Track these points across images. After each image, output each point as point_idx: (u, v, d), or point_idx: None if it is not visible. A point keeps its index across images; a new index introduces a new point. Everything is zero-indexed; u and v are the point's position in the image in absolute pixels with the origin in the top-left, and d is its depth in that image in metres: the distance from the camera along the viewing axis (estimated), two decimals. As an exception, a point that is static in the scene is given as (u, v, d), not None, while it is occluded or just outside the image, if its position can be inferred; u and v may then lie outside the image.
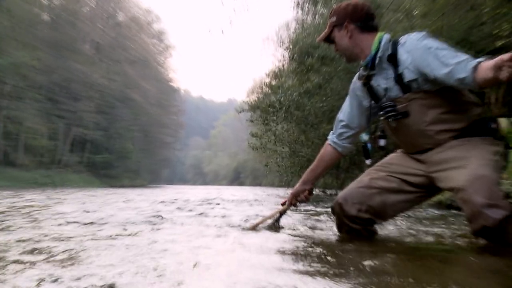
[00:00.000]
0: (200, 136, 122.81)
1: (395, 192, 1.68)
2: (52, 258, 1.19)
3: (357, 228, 1.70)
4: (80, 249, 1.35)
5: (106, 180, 28.06)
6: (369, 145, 1.79)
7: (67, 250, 1.33)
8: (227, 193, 10.32)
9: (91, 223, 2.26)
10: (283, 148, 11.64)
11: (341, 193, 1.77)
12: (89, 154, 29.01)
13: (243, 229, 2.05)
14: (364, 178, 1.76)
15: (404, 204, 1.69)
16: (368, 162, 1.79)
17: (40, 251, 1.32)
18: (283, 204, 2.07)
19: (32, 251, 1.32)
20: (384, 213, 1.69)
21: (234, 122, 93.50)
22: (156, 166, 46.36)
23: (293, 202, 2.01)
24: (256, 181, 58.76)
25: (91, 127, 28.43)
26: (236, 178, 70.73)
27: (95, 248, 1.37)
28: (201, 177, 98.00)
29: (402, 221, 2.58)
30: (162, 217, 2.61)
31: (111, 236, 1.73)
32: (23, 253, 1.29)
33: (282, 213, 2.09)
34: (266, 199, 6.29)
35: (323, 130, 8.79)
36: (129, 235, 1.78)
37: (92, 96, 28.50)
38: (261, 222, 2.07)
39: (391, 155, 1.83)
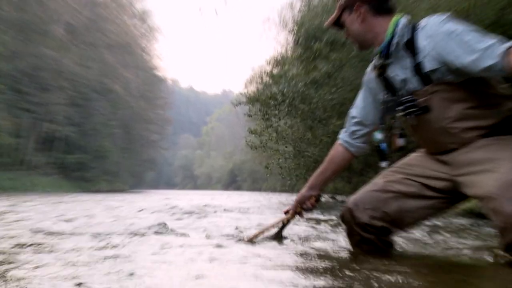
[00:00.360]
0: (190, 133, 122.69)
1: (414, 197, 1.69)
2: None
3: (370, 238, 1.72)
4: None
5: (80, 184, 28.07)
6: (383, 145, 1.79)
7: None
8: (222, 199, 10.35)
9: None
10: (286, 147, 11.62)
11: (352, 198, 1.78)
12: (60, 154, 28.97)
13: (239, 240, 2.06)
14: (378, 181, 1.77)
15: (424, 211, 1.70)
16: (383, 164, 1.79)
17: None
18: (286, 212, 2.08)
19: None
20: (401, 221, 1.70)
21: (229, 117, 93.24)
22: (139, 167, 46.43)
23: (298, 210, 2.02)
24: (255, 186, 58.83)
25: (62, 123, 28.39)
26: (232, 182, 70.81)
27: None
28: (191, 181, 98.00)
29: (421, 231, 2.59)
30: (140, 234, 2.31)
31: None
32: None
33: (285, 222, 2.10)
34: (267, 207, 6.31)
35: (332, 126, 8.81)
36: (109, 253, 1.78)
37: (64, 86, 28.43)
38: (261, 232, 2.09)
39: (411, 156, 1.84)
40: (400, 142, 1.75)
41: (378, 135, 1.80)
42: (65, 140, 29.31)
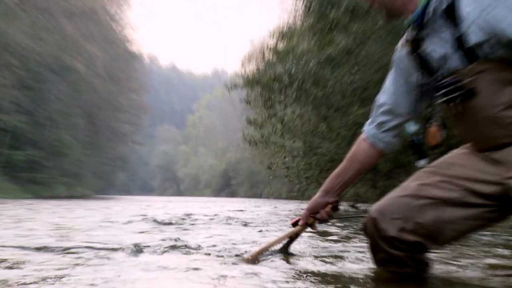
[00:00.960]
0: (173, 124, 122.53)
1: (455, 205, 1.69)
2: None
3: (399, 256, 1.73)
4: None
5: (31, 188, 28.16)
6: (419, 140, 1.80)
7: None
8: (215, 208, 10.34)
9: None
10: (294, 142, 11.65)
11: (377, 205, 1.79)
12: (4, 149, 28.93)
13: (238, 260, 2.09)
14: (410, 184, 1.78)
15: (468, 223, 1.70)
16: (420, 164, 1.80)
17: None
18: (294, 224, 2.10)
19: None
20: (438, 235, 1.70)
21: (222, 104, 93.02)
22: (107, 168, 46.56)
23: (309, 222, 2.03)
24: (254, 191, 58.99)
25: (8, 110, 28.34)
26: (225, 186, 70.94)
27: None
28: (173, 185, 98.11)
29: (463, 247, 2.61)
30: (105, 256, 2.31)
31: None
32: None
33: (293, 237, 2.13)
34: (271, 217, 6.33)
35: (353, 116, 8.84)
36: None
37: (11, 64, 28.37)
38: (264, 249, 2.11)
39: (452, 153, 1.85)
40: (439, 135, 1.75)
41: (412, 127, 1.81)
42: (12, 132, 29.29)
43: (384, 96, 1.89)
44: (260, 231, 3.97)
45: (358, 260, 2.13)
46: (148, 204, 13.14)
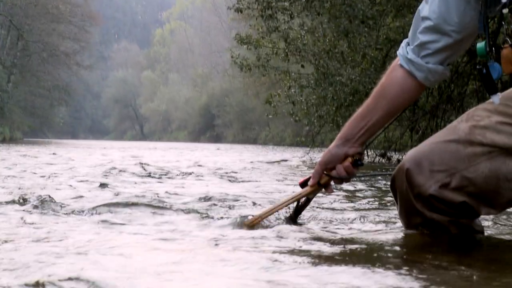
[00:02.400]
0: (134, 40, 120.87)
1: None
2: None
3: (439, 221, 1.77)
4: None
5: None
6: (494, 65, 1.77)
7: None
8: (194, 157, 10.43)
9: None
10: (302, 66, 11.56)
11: (412, 152, 1.81)
12: None
13: (234, 225, 2.17)
14: (460, 126, 1.79)
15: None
16: (495, 99, 1.76)
17: None
18: (303, 184, 2.12)
19: None
20: (494, 195, 1.73)
21: (202, 13, 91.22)
22: (41, 100, 46.33)
23: (322, 181, 2.03)
24: (247, 134, 58.94)
25: None
26: (207, 128, 70.94)
27: None
28: (134, 125, 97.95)
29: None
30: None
31: None
32: None
33: (302, 201, 2.17)
34: (269, 170, 6.40)
35: (386, 30, 8.79)
36: None
37: None
38: (266, 214, 2.16)
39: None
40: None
41: (481, 46, 1.76)
42: None
43: (428, 7, 1.84)
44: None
45: (387, 228, 2.18)
46: (105, 152, 13.25)
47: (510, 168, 1.70)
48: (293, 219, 2.20)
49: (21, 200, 3.00)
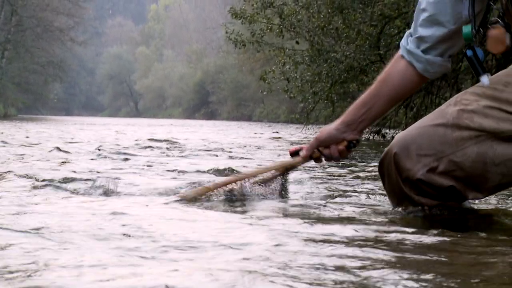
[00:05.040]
0: (128, 16, 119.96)
1: (507, 141, 1.72)
2: None
3: (428, 205, 1.79)
4: None
5: None
6: (478, 51, 1.77)
7: None
8: (187, 134, 10.42)
9: None
10: (297, 42, 11.51)
11: (400, 136, 1.83)
12: None
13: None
14: (448, 110, 1.80)
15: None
16: (484, 80, 1.76)
17: None
18: (293, 153, 2.16)
19: None
20: (482, 180, 1.74)
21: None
22: (35, 76, 46.10)
23: (314, 155, 2.08)
24: (242, 111, 58.82)
25: None
26: (202, 105, 70.72)
27: None
28: (128, 102, 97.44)
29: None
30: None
31: None
32: None
33: (289, 169, 2.21)
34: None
35: (381, 6, 8.76)
36: None
37: None
38: (230, 181, 2.23)
39: (510, 68, 1.87)
40: (506, 38, 1.72)
41: (467, 29, 1.76)
42: None
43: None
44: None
45: (375, 208, 2.20)
46: (98, 129, 13.19)
47: (497, 153, 1.71)
48: (283, 194, 2.25)
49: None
